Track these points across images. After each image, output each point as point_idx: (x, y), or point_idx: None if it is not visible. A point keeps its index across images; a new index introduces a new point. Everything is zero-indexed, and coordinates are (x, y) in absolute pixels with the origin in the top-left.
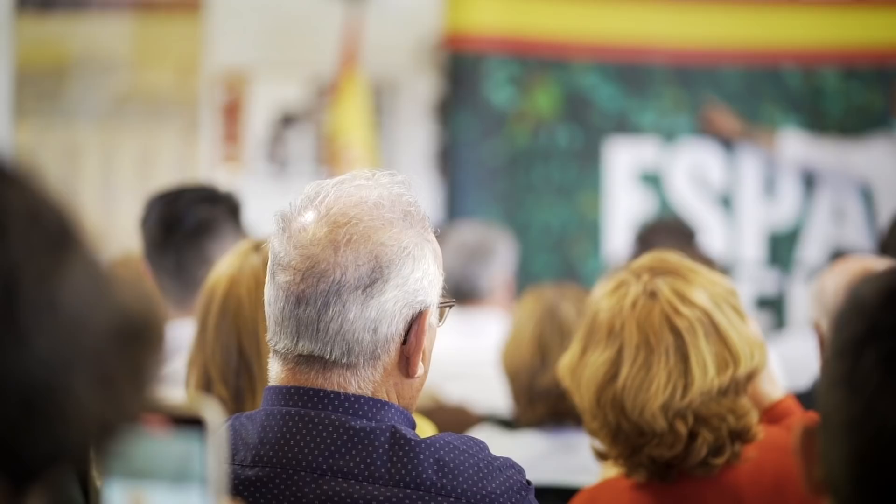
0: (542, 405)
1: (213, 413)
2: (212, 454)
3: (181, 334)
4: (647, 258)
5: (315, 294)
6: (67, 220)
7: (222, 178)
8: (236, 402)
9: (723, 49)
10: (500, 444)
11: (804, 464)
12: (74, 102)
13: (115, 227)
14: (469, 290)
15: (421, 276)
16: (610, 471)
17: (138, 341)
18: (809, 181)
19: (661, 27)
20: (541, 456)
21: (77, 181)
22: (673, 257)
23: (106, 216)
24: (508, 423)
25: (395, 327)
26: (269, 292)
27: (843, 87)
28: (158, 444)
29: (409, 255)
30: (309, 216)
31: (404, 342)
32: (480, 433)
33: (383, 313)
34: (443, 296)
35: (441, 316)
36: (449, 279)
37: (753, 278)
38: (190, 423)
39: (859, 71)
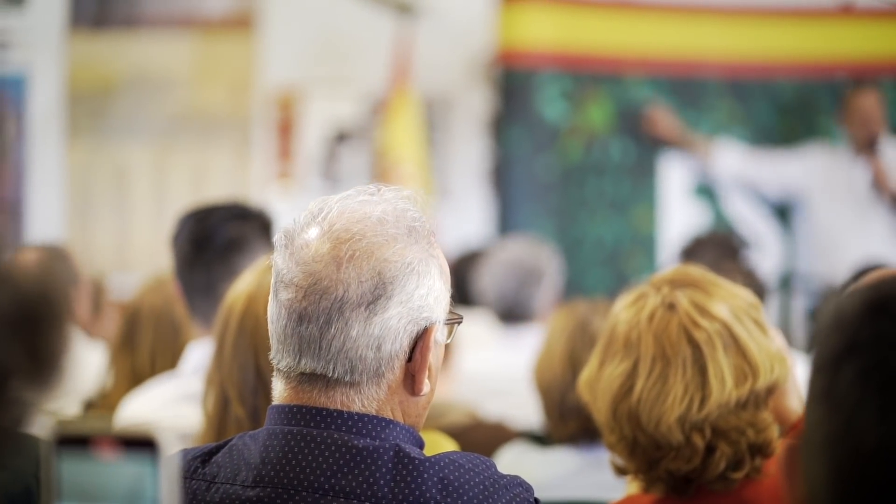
0: (574, 421)
1: (165, 435)
2: (164, 476)
3: (210, 353)
4: (668, 271)
5: (317, 311)
6: None
7: (275, 195)
8: (253, 422)
9: (777, 61)
10: (533, 460)
11: (787, 481)
12: (127, 121)
13: (166, 247)
14: (522, 311)
15: (426, 292)
16: (633, 487)
17: (34, 326)
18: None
19: (714, 40)
20: (573, 472)
21: (129, 200)
22: (695, 271)
23: (158, 235)
24: (542, 440)
25: (399, 344)
26: (271, 309)
27: None
28: (110, 468)
29: (413, 270)
30: (312, 232)
31: (409, 359)
32: (513, 450)
33: (387, 330)
34: (451, 311)
35: (449, 332)
36: (502, 301)
37: (809, 291)
38: (141, 445)
39: None
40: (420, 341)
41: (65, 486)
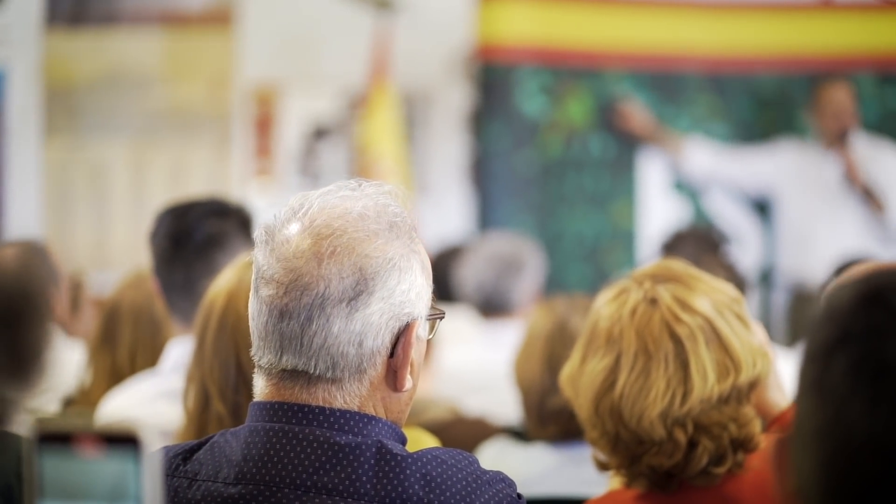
0: (554, 425)
1: (148, 432)
2: (147, 473)
3: (189, 350)
4: (650, 266)
5: (298, 307)
6: None
7: (254, 192)
8: (235, 418)
9: (757, 55)
10: (514, 456)
11: (777, 472)
12: (104, 118)
13: (145, 244)
14: (501, 303)
15: (407, 287)
16: (615, 482)
17: (14, 323)
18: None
19: (694, 34)
20: (554, 468)
21: (107, 198)
22: (677, 265)
23: (137, 233)
24: (523, 436)
25: (381, 340)
26: (252, 306)
27: (878, 92)
28: (92, 465)
29: (394, 266)
30: (292, 228)
31: (391, 355)
32: (494, 446)
33: (369, 326)
34: (432, 307)
35: (431, 328)
36: (480, 291)
37: (783, 285)
38: (124, 442)
39: (894, 76)
40: (402, 337)
41: (47, 483)
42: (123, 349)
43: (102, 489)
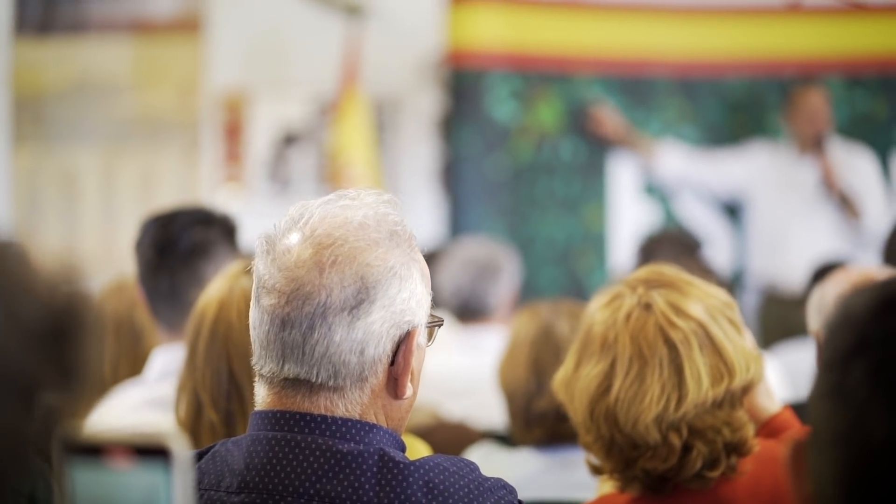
0: (540, 429)
1: (179, 443)
2: (178, 484)
3: (175, 358)
4: (643, 271)
5: (300, 316)
6: None
7: (224, 198)
8: (227, 427)
9: (726, 59)
10: (499, 461)
11: (794, 479)
12: (74, 126)
13: (116, 251)
14: (477, 307)
15: (408, 296)
16: (606, 486)
17: (63, 338)
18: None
19: (664, 39)
20: (539, 473)
21: (77, 206)
22: (669, 270)
23: (107, 240)
24: (508, 440)
25: (382, 348)
26: (253, 315)
27: (847, 95)
28: (123, 477)
29: (395, 275)
30: (293, 238)
31: (392, 363)
32: (479, 450)
33: (370, 335)
34: (431, 315)
35: (430, 335)
36: (457, 296)
37: (755, 288)
38: (155, 453)
39: (863, 79)
40: (403, 345)
41: (78, 496)
42: (105, 358)
43: (133, 501)
